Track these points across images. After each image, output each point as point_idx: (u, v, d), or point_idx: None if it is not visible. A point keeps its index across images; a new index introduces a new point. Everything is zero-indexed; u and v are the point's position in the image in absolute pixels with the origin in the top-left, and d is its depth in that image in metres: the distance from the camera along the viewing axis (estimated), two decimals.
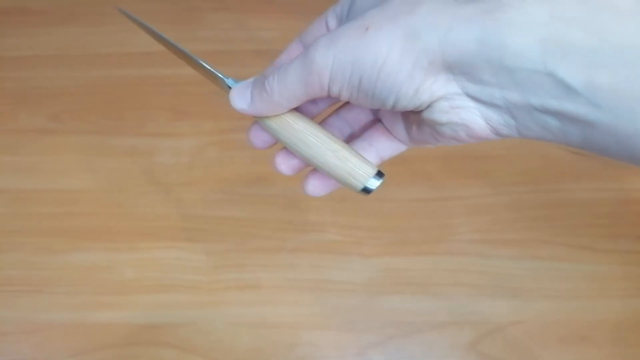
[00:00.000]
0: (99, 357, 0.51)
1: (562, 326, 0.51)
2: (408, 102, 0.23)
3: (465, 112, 0.23)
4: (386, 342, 0.51)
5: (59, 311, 0.53)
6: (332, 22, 0.30)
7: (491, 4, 0.21)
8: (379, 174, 0.28)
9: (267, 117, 0.29)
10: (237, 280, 0.54)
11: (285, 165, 0.30)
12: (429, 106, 0.24)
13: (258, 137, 0.31)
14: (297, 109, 0.29)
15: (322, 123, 0.31)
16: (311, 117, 0.31)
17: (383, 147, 0.30)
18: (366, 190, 0.28)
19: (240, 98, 0.29)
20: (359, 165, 0.27)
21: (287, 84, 0.26)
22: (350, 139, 0.31)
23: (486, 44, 0.21)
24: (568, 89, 0.20)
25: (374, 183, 0.28)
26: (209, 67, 0.32)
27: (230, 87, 0.31)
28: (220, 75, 0.32)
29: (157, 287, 0.54)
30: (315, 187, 0.30)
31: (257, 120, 0.30)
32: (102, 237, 0.56)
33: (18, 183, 0.59)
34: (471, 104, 0.23)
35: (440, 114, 0.23)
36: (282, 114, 0.28)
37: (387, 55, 0.22)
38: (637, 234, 0.54)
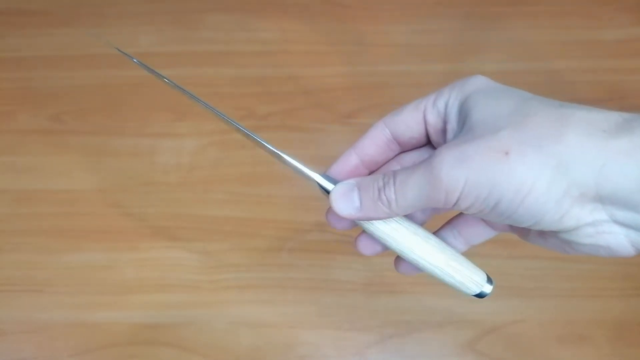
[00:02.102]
0: (99, 356, 0.51)
1: (561, 326, 0.51)
2: (549, 226, 0.23)
3: (611, 237, 0.23)
4: (385, 342, 0.51)
5: (59, 311, 0.53)
6: (432, 118, 0.28)
7: None
8: (489, 280, 0.29)
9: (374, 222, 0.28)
10: (237, 280, 0.54)
11: (369, 250, 0.31)
12: (570, 230, 0.23)
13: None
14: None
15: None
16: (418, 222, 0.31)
17: (474, 234, 0.31)
18: (479, 296, 0.29)
19: (346, 203, 0.27)
20: (470, 275, 0.29)
21: (407, 197, 0.25)
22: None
23: None
24: None
25: (487, 289, 0.29)
26: (296, 163, 0.29)
27: (324, 188, 0.28)
28: (311, 175, 0.29)
29: (157, 287, 0.54)
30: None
31: (362, 224, 0.29)
32: (102, 237, 0.56)
33: (18, 183, 0.59)
34: (619, 229, 0.23)
35: (584, 237, 0.23)
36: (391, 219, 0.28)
37: (533, 184, 0.22)
38: None
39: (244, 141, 0.33)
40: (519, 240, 0.54)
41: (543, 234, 0.26)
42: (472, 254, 0.54)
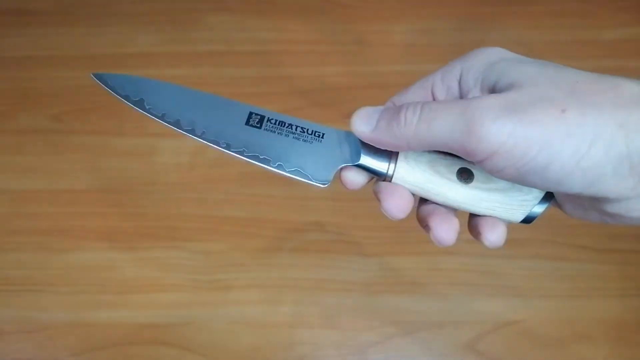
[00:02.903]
0: (100, 356, 0.51)
1: (561, 325, 0.51)
2: (602, 192, 0.22)
3: None
4: (385, 342, 0.51)
5: (60, 310, 0.53)
6: (442, 95, 0.26)
7: None
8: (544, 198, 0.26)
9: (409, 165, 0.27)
10: (237, 279, 0.54)
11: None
12: (621, 200, 0.22)
13: (352, 178, 0.28)
14: None
15: None
16: None
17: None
18: (528, 220, 0.27)
19: (364, 121, 0.26)
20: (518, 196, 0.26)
21: (432, 128, 0.23)
22: None
23: None
24: None
25: (538, 209, 0.27)
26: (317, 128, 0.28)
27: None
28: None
29: (157, 287, 0.54)
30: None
31: (391, 179, 0.27)
32: (102, 237, 0.56)
33: (18, 183, 0.59)
34: None
35: (633, 211, 0.22)
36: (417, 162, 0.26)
37: (591, 145, 0.20)
38: (637, 234, 0.54)
39: None
40: (519, 240, 0.55)
41: (583, 204, 0.25)
42: (472, 254, 0.54)
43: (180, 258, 0.55)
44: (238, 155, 0.28)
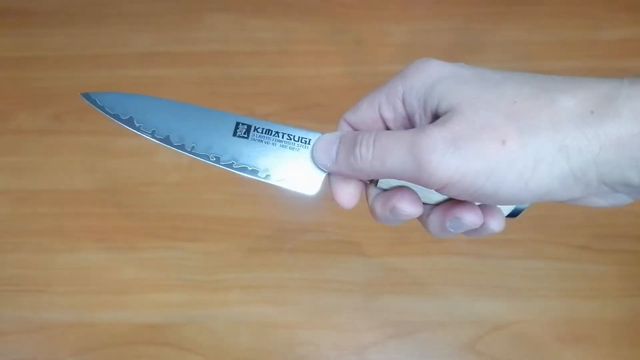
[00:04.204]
0: (100, 356, 0.51)
1: (562, 326, 0.51)
2: (557, 199, 0.23)
3: (617, 198, 0.24)
4: (385, 342, 0.51)
5: (60, 311, 0.53)
6: (389, 115, 0.27)
7: (631, 124, 0.21)
8: None
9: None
10: (237, 280, 0.54)
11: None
12: (578, 199, 0.24)
13: (344, 193, 0.29)
14: None
15: None
16: None
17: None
18: (514, 214, 0.28)
19: (324, 154, 0.27)
20: None
21: (385, 165, 0.24)
22: None
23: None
24: None
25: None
26: (293, 132, 0.29)
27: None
28: (311, 136, 0.28)
29: (157, 287, 0.54)
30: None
31: (377, 183, 0.28)
32: (102, 237, 0.56)
33: (18, 183, 0.59)
34: (623, 195, 0.24)
35: (594, 202, 0.24)
36: None
37: (535, 169, 0.22)
38: (637, 234, 0.54)
39: None
40: (518, 241, 0.55)
41: None
42: (472, 254, 0.54)
43: (180, 258, 0.55)
44: (227, 168, 0.29)
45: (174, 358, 0.51)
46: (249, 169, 0.29)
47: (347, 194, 0.28)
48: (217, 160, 0.29)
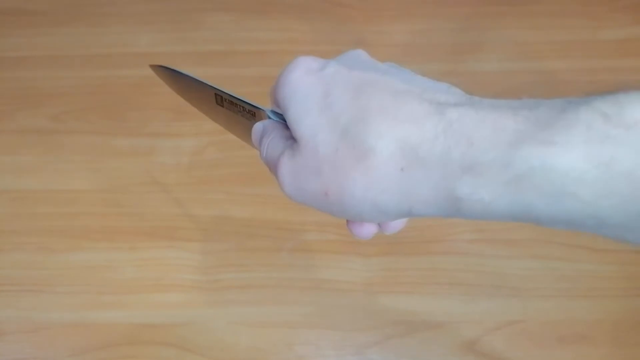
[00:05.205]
0: (99, 356, 0.51)
1: (561, 326, 0.51)
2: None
3: None
4: (385, 342, 0.51)
5: (60, 311, 0.53)
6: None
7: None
8: None
9: None
10: (237, 280, 0.54)
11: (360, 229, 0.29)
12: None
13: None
14: None
15: None
16: None
17: None
18: None
19: (255, 142, 0.29)
20: None
21: (271, 167, 0.26)
22: None
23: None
24: None
25: None
26: (247, 102, 0.30)
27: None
28: (261, 108, 0.29)
29: (157, 287, 0.54)
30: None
31: None
32: (102, 237, 0.56)
33: (18, 183, 0.59)
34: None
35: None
36: None
37: (360, 214, 0.23)
38: None
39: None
40: (519, 241, 0.55)
41: None
42: (472, 254, 0.54)
43: (180, 258, 0.55)
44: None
45: (174, 358, 0.51)
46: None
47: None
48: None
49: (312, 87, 0.23)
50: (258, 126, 0.28)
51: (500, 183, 0.19)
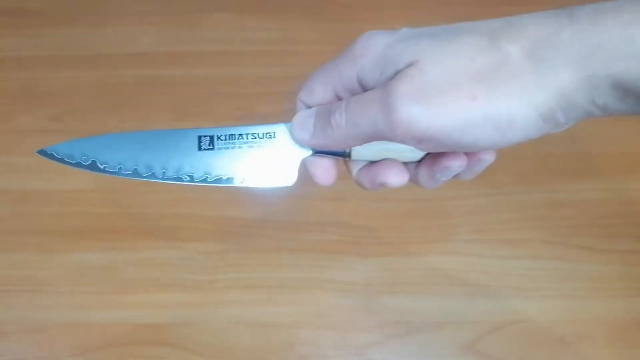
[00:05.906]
0: (100, 356, 0.51)
1: (562, 326, 0.51)
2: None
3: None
4: (385, 342, 0.51)
5: (60, 311, 0.53)
6: (346, 96, 0.27)
7: (571, 72, 0.21)
8: None
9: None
10: (237, 280, 0.54)
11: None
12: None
13: (322, 172, 0.29)
14: None
15: None
16: None
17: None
18: None
19: (302, 128, 0.28)
20: None
21: (360, 129, 0.24)
22: None
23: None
24: None
25: None
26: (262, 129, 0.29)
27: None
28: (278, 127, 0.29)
29: (157, 287, 0.54)
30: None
31: (350, 156, 0.28)
32: (102, 237, 0.56)
33: (18, 183, 0.59)
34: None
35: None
36: None
37: (510, 121, 0.22)
38: (637, 234, 0.54)
39: None
40: (519, 240, 0.55)
41: None
42: (472, 254, 0.54)
43: (180, 258, 0.55)
44: (203, 184, 0.29)
45: (174, 358, 0.51)
46: (224, 178, 0.29)
47: (324, 171, 0.29)
48: (191, 178, 0.29)
49: (403, 31, 0.25)
50: (304, 113, 0.28)
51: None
